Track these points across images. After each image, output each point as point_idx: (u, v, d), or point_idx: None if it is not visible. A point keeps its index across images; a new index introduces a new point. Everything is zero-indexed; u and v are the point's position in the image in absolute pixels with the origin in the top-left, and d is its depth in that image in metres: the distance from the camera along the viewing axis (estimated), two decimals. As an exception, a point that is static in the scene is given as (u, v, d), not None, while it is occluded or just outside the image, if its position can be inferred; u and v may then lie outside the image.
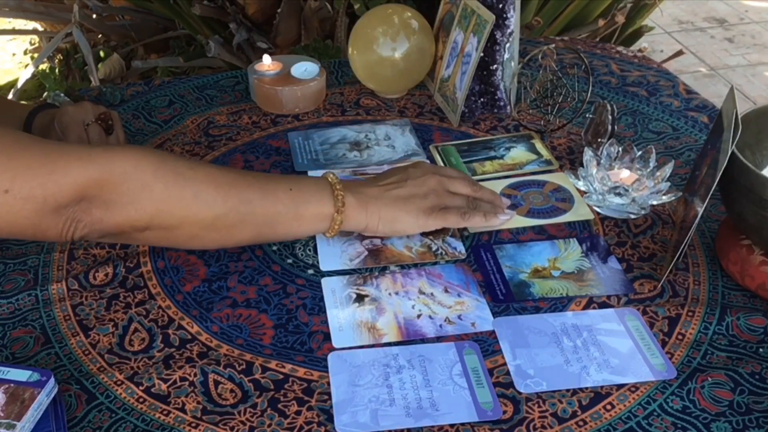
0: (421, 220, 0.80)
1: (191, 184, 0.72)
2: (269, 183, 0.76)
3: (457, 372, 0.68)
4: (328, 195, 0.77)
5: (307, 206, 0.77)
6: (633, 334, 0.72)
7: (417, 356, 0.70)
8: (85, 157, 0.68)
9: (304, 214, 0.77)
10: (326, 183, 0.78)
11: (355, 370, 0.68)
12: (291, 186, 0.77)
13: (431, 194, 0.81)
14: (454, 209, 0.81)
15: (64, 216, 0.68)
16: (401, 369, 0.68)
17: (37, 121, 0.96)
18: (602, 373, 0.68)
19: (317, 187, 0.78)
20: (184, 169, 0.72)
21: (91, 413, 0.65)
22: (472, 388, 0.67)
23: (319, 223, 0.78)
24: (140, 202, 0.70)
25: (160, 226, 0.72)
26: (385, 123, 1.06)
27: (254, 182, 0.76)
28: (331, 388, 0.67)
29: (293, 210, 0.76)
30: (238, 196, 0.74)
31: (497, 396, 0.66)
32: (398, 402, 0.65)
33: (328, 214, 0.77)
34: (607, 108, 0.94)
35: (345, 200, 0.77)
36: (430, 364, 0.69)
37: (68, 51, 2.52)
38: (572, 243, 0.84)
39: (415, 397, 0.66)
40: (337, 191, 0.77)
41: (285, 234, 0.79)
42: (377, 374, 0.68)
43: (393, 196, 0.80)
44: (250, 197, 0.74)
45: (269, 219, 0.76)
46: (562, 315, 0.74)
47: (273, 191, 0.76)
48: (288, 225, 0.77)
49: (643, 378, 0.67)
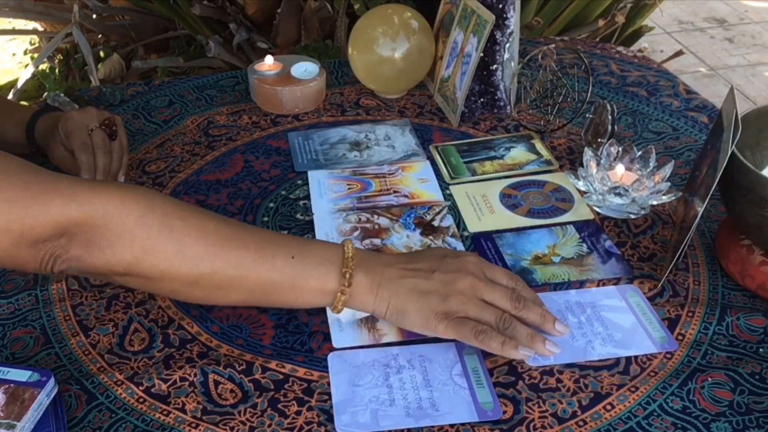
0: (431, 323, 0.68)
1: (177, 237, 0.66)
2: (269, 246, 0.69)
3: (457, 372, 0.68)
4: (334, 270, 0.69)
5: (307, 279, 0.69)
6: (635, 309, 0.74)
7: (417, 356, 0.70)
8: (67, 194, 0.64)
9: (303, 287, 0.69)
10: (337, 255, 0.70)
11: (355, 370, 0.68)
12: (294, 253, 0.69)
13: (455, 297, 0.69)
14: (471, 324, 0.68)
15: (42, 250, 0.64)
16: (401, 369, 0.68)
17: (40, 124, 0.95)
18: (606, 346, 0.70)
19: (325, 259, 0.69)
20: (173, 219, 0.67)
21: (91, 413, 0.65)
22: (472, 388, 0.67)
23: (320, 297, 0.70)
24: (119, 248, 0.65)
25: (139, 275, 0.67)
26: (384, 123, 1.06)
27: (251, 243, 0.68)
28: (331, 388, 0.67)
29: (290, 281, 0.68)
30: (229, 256, 0.67)
31: (497, 396, 0.66)
32: (398, 402, 0.65)
33: (331, 291, 0.69)
34: (607, 108, 0.94)
35: (354, 280, 0.69)
36: (430, 364, 0.69)
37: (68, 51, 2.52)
38: (569, 229, 0.85)
39: (415, 397, 0.66)
40: (347, 268, 0.69)
41: (281, 303, 0.71)
42: (377, 374, 0.68)
43: (410, 285, 0.69)
44: (243, 260, 0.67)
45: (262, 286, 0.69)
46: (566, 293, 0.77)
47: (271, 257, 0.68)
48: (283, 295, 0.70)
49: (645, 350, 0.70)
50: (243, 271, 0.68)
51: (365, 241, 0.83)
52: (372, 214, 0.87)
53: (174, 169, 0.97)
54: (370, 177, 0.95)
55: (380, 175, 0.95)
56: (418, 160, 0.98)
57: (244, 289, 0.69)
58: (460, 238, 0.84)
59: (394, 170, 0.96)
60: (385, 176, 0.95)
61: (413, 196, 0.91)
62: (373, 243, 0.83)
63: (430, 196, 0.92)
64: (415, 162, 0.98)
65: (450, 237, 0.85)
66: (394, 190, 0.92)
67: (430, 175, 0.95)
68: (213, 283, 0.68)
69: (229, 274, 0.68)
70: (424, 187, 0.93)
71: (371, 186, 0.93)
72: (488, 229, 0.86)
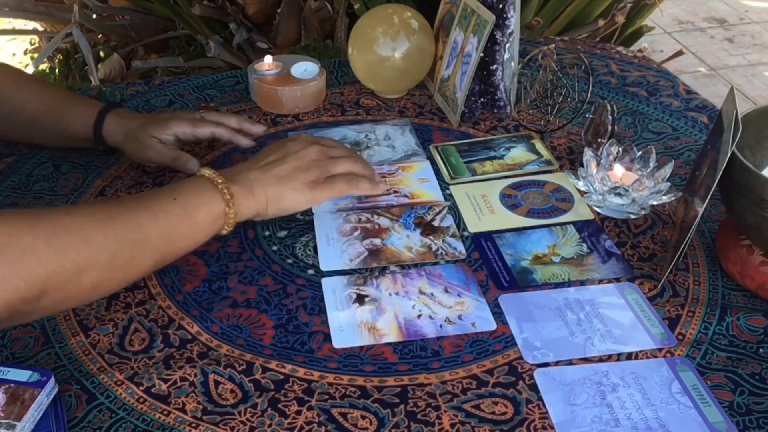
0: (307, 194, 0.79)
1: (76, 231, 0.65)
2: (152, 202, 0.72)
3: (677, 390, 0.66)
4: (213, 192, 0.74)
5: (198, 213, 0.73)
6: (633, 307, 0.75)
7: (629, 373, 0.67)
8: None
9: (197, 221, 0.73)
10: (205, 181, 0.75)
11: (568, 389, 0.66)
12: (174, 196, 0.73)
13: (314, 166, 0.79)
14: (339, 177, 0.80)
15: None
16: (616, 387, 0.66)
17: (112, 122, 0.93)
18: (606, 343, 0.71)
19: (200, 188, 0.74)
20: (61, 216, 0.66)
21: (91, 413, 0.65)
22: (699, 407, 0.64)
23: (213, 223, 0.75)
24: (27, 270, 0.61)
25: (56, 288, 0.64)
26: (385, 123, 1.06)
27: (137, 206, 0.71)
28: (547, 407, 0.64)
29: (186, 221, 0.72)
30: (127, 225, 0.68)
31: (498, 396, 0.66)
32: (623, 422, 0.62)
33: (220, 211, 0.74)
34: (607, 108, 0.94)
35: (231, 191, 0.75)
36: (645, 381, 0.66)
37: (68, 51, 2.52)
38: (570, 229, 0.85)
39: (640, 417, 0.63)
40: (220, 185, 0.75)
41: (186, 246, 0.74)
42: (592, 393, 0.65)
43: (276, 174, 0.78)
44: (140, 221, 0.69)
45: (166, 237, 0.71)
46: (565, 291, 0.77)
47: (159, 209, 0.71)
48: (185, 237, 0.73)
49: (645, 346, 0.70)
50: (145, 231, 0.69)
51: (365, 241, 0.83)
52: (372, 214, 0.87)
53: (174, 169, 0.97)
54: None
55: (380, 175, 0.95)
56: (419, 160, 0.98)
57: (153, 248, 0.70)
58: (460, 238, 0.85)
59: (394, 170, 0.96)
60: (385, 176, 0.95)
61: (413, 196, 0.91)
62: (374, 243, 0.83)
63: (430, 195, 0.92)
64: (415, 162, 0.98)
65: (450, 237, 0.85)
66: (394, 190, 0.92)
67: (430, 175, 0.95)
68: (126, 257, 0.68)
69: (136, 239, 0.69)
70: (424, 187, 0.93)
71: (371, 186, 0.94)
72: (488, 229, 0.86)
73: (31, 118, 0.95)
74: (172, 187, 0.75)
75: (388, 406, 0.66)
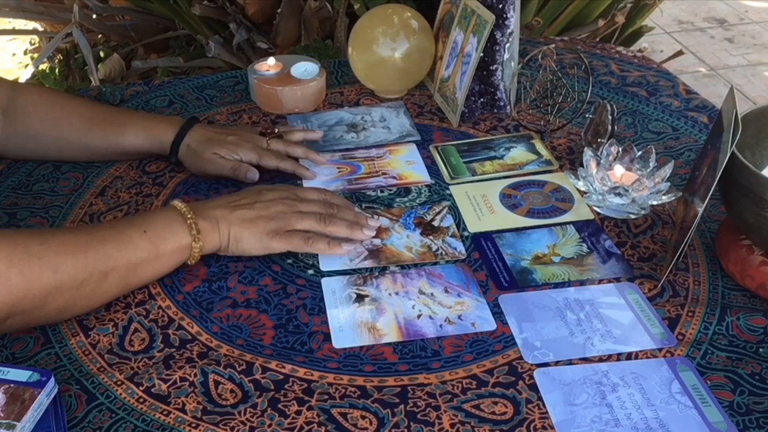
0: (265, 241, 0.79)
1: (48, 260, 0.69)
2: (123, 231, 0.75)
3: (677, 390, 0.66)
4: (182, 226, 0.77)
5: (165, 244, 0.76)
6: (633, 307, 0.75)
7: (629, 373, 0.67)
8: None
9: (164, 252, 0.76)
10: (176, 213, 0.78)
11: (568, 388, 0.66)
12: (144, 228, 0.75)
13: (277, 217, 0.80)
14: (297, 234, 0.80)
15: None
16: (616, 387, 0.66)
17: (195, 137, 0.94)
18: (606, 342, 0.71)
19: (169, 221, 0.77)
20: (36, 245, 0.69)
21: (91, 413, 0.65)
22: (699, 407, 0.64)
23: (180, 255, 0.77)
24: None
25: (22, 312, 0.68)
26: (380, 105, 1.10)
27: (108, 235, 0.74)
28: (547, 408, 0.65)
29: (153, 252, 0.75)
30: (96, 255, 0.72)
31: (497, 396, 0.66)
32: (623, 422, 0.63)
33: (187, 244, 0.77)
34: (607, 108, 0.94)
35: (198, 226, 0.77)
36: (645, 381, 0.67)
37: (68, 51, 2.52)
38: (569, 229, 0.85)
39: (640, 417, 0.63)
40: (189, 219, 0.77)
41: (150, 276, 0.77)
42: (592, 393, 0.66)
43: (240, 216, 0.80)
44: (109, 252, 0.72)
45: (132, 269, 0.74)
46: (565, 291, 0.77)
47: (128, 239, 0.74)
48: (151, 267, 0.76)
49: (645, 346, 0.70)
50: (112, 262, 0.72)
51: (365, 241, 0.83)
52: (372, 215, 0.87)
53: (174, 169, 0.97)
54: (359, 160, 0.98)
55: (369, 158, 0.98)
56: (408, 141, 1.02)
57: (119, 277, 0.73)
58: (460, 238, 0.85)
59: (382, 153, 1.00)
60: (373, 159, 0.98)
61: (401, 178, 0.95)
62: (374, 243, 0.83)
63: (417, 177, 0.95)
64: (401, 145, 1.01)
65: (450, 237, 0.85)
66: (382, 172, 0.96)
67: (416, 157, 0.99)
68: (93, 285, 0.72)
69: (103, 270, 0.72)
70: (411, 168, 0.97)
71: (360, 169, 0.97)
72: (488, 229, 0.86)
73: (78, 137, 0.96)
74: (143, 217, 0.78)
75: (388, 406, 0.66)
